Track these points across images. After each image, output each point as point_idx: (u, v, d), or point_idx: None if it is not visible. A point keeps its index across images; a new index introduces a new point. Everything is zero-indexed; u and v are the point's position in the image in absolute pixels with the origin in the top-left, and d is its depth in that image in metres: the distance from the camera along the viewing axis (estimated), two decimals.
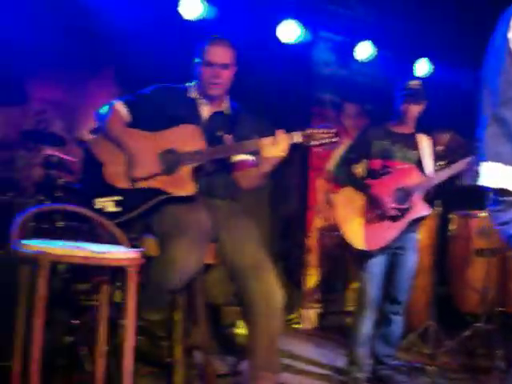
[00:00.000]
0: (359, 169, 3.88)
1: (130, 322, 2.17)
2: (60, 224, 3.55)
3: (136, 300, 2.20)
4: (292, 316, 5.48)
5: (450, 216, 5.47)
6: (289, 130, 5.03)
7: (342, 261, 5.51)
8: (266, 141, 2.75)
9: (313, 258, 5.56)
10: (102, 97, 4.74)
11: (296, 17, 5.28)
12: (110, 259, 2.14)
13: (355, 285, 5.56)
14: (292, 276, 5.57)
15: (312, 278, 5.56)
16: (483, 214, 4.97)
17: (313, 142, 2.76)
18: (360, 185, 3.76)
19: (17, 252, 2.12)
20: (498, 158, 2.08)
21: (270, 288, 2.77)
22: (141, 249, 2.27)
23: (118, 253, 2.19)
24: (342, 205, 3.80)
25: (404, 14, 5.81)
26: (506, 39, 2.04)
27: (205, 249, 2.72)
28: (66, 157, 4.13)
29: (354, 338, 3.75)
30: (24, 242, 2.13)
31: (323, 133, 2.76)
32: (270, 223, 5.66)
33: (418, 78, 3.88)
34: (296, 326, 5.44)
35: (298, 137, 2.77)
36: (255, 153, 2.93)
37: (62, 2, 4.66)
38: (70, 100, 4.93)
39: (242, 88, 3.11)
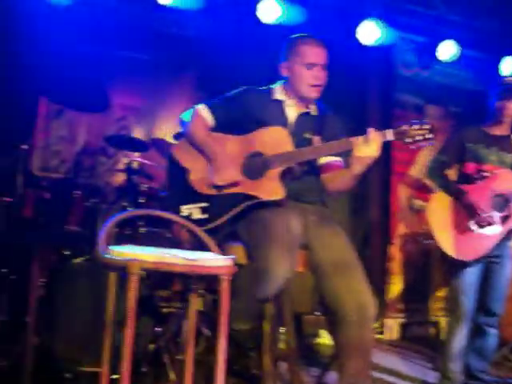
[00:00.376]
0: (451, 173, 3.69)
1: (222, 333, 2.08)
2: (142, 230, 3.52)
3: (228, 309, 2.10)
4: (375, 325, 5.29)
5: None
6: None
7: (426, 269, 5.32)
8: (358, 140, 2.58)
9: (395, 266, 5.37)
10: (183, 102, 4.75)
11: (376, 18, 5.14)
12: (204, 267, 2.04)
13: (440, 294, 5.36)
14: (374, 284, 5.34)
15: (395, 287, 5.38)
16: None
17: (407, 140, 2.56)
18: (455, 190, 3.56)
19: (105, 259, 2.06)
20: None
21: (364, 298, 2.61)
22: (232, 256, 2.17)
23: (212, 260, 2.10)
24: (435, 211, 3.61)
25: (488, 10, 5.57)
26: None
27: (296, 256, 2.60)
28: (147, 162, 4.12)
29: (446, 351, 3.56)
30: (113, 248, 2.07)
31: (417, 129, 2.53)
32: (351, 230, 5.49)
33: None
34: (378, 336, 5.27)
35: (390, 134, 2.59)
36: (345, 154, 2.78)
37: (139, 9, 4.68)
38: (150, 106, 4.95)
39: (326, 92, 2.99)
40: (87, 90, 4.51)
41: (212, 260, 2.10)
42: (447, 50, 5.46)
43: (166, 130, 4.76)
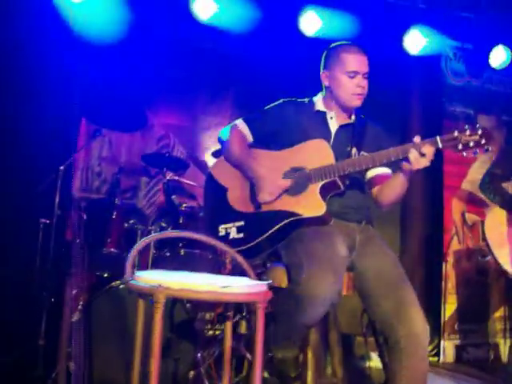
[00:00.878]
0: (509, 187, 3.47)
1: (257, 359, 1.91)
2: (182, 252, 3.40)
3: (264, 336, 1.93)
4: (429, 348, 5.05)
5: None
6: None
7: (483, 287, 5.03)
8: (412, 151, 2.41)
9: (450, 285, 5.11)
10: (222, 120, 4.67)
11: (423, 26, 4.99)
12: (235, 294, 1.89)
13: (498, 314, 5.08)
14: (429, 304, 5.13)
15: (450, 307, 5.11)
16: None
17: (459, 147, 2.35)
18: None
19: (131, 284, 1.95)
20: None
21: (416, 325, 2.41)
22: (269, 281, 2.00)
23: (243, 287, 1.93)
24: (492, 226, 3.41)
25: None
26: None
27: (342, 279, 2.43)
28: (187, 181, 4.01)
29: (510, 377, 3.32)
30: (140, 273, 1.95)
31: (470, 135, 2.35)
32: (403, 248, 5.28)
33: None
34: (434, 359, 5.02)
35: (438, 143, 2.40)
36: (391, 165, 2.64)
37: (177, 26, 4.62)
38: (191, 124, 4.88)
39: (369, 102, 2.84)
40: (125, 109, 4.46)
41: (244, 287, 1.93)
42: (498, 57, 5.26)
43: (205, 148, 4.68)
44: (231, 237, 2.55)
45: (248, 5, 4.64)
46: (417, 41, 5.02)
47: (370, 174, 2.72)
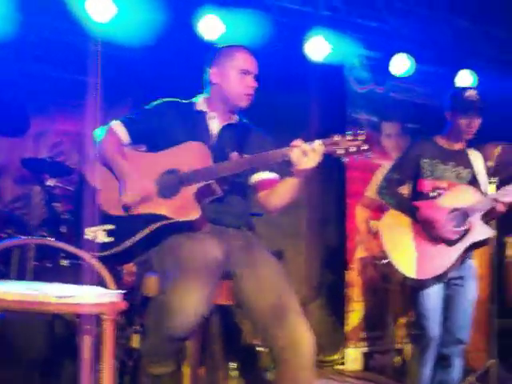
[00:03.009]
0: (405, 190, 3.46)
1: (107, 379, 1.75)
2: (64, 263, 3.20)
3: (113, 353, 1.77)
4: (335, 356, 5.09)
5: (505, 239, 5.09)
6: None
7: (388, 294, 5.06)
8: (293, 151, 2.32)
9: (355, 292, 5.11)
10: None
11: (326, 33, 4.97)
12: (81, 305, 1.72)
13: (403, 320, 5.12)
14: (334, 312, 5.17)
15: (356, 314, 5.11)
16: None
17: (339, 151, 2.29)
18: (409, 208, 3.33)
19: None
20: None
21: (297, 334, 2.30)
22: (120, 291, 1.85)
23: (86, 297, 1.77)
24: (389, 231, 3.40)
25: (442, 23, 5.48)
26: None
27: (214, 287, 2.29)
28: (69, 188, 3.80)
29: (413, 381, 3.29)
30: None
31: (351, 140, 2.27)
32: (308, 256, 5.27)
33: (472, 88, 3.44)
34: (340, 367, 5.02)
35: (318, 144, 2.32)
36: (278, 170, 2.59)
37: (75, 35, 4.44)
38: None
39: (271, 110, 2.77)
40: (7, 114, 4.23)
41: (90, 297, 1.76)
42: (400, 65, 5.31)
43: None
44: (99, 241, 2.40)
45: (147, 9, 4.50)
46: (320, 48, 4.99)
47: (254, 178, 2.64)
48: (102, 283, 2.13)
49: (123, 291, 1.85)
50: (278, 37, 4.77)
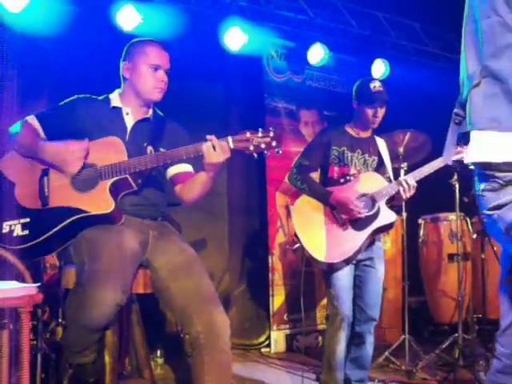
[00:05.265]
0: (315, 176, 3.60)
1: (24, 371, 1.80)
2: None
3: (29, 343, 1.83)
4: (260, 340, 5.22)
5: (419, 221, 5.34)
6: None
7: (309, 277, 5.22)
8: (204, 145, 2.43)
9: (277, 277, 5.26)
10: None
11: (244, 23, 5.04)
12: None
13: (324, 302, 5.31)
14: (258, 297, 5.29)
15: (278, 298, 5.25)
16: (453, 216, 4.85)
17: (251, 148, 2.42)
18: (320, 193, 3.47)
19: None
20: (492, 124, 1.69)
21: (213, 318, 2.42)
22: (35, 284, 1.91)
23: (5, 290, 1.82)
24: (301, 215, 3.53)
25: (357, 14, 5.64)
26: None
27: (131, 277, 2.38)
28: None
29: (329, 362, 3.46)
30: None
31: (261, 137, 2.42)
32: (231, 243, 5.39)
33: (377, 80, 3.63)
34: (265, 349, 5.16)
35: (230, 142, 2.44)
36: (193, 163, 2.69)
37: None
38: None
39: (190, 101, 2.84)
40: None
41: (7, 290, 1.81)
42: (316, 54, 5.44)
43: None
44: (15, 234, 2.44)
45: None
46: (238, 38, 5.04)
47: (171, 171, 2.74)
48: (18, 277, 2.17)
49: (38, 284, 1.89)
50: (196, 28, 4.84)
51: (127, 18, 4.64)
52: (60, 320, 3.62)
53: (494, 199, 1.72)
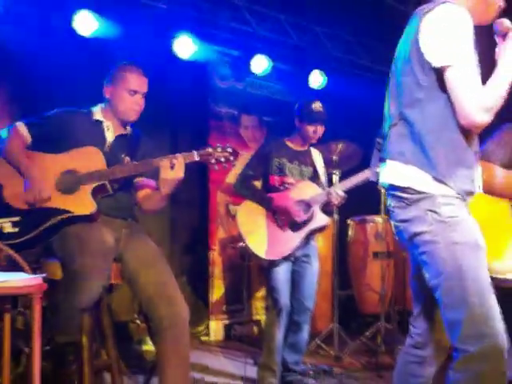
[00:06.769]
0: (257, 184, 4.00)
1: (36, 350, 2.12)
2: None
3: (40, 327, 2.15)
4: (199, 329, 5.47)
5: (348, 222, 5.68)
6: (187, 143, 5.02)
7: (246, 271, 5.58)
8: (163, 162, 2.81)
9: (217, 270, 5.58)
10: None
11: (191, 32, 5.27)
12: (10, 288, 2.08)
13: (259, 294, 5.68)
14: (197, 289, 5.56)
15: (217, 290, 5.57)
16: (379, 218, 5.21)
17: (212, 161, 2.85)
18: (263, 199, 3.86)
19: None
20: (400, 157, 2.19)
21: (176, 304, 2.81)
22: (42, 274, 2.22)
23: (18, 281, 2.13)
24: (245, 217, 3.90)
25: (296, 27, 5.95)
26: (415, 40, 2.15)
27: (110, 268, 2.76)
28: None
29: (269, 346, 3.81)
30: None
31: (221, 152, 2.85)
32: (173, 237, 5.63)
33: (317, 100, 3.96)
34: (204, 338, 5.43)
35: (195, 156, 2.84)
36: (155, 175, 2.99)
37: None
38: None
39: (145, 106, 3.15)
40: None
41: (19, 281, 2.13)
42: (259, 64, 5.71)
43: None
44: (5, 231, 2.73)
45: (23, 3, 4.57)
46: (186, 46, 5.24)
47: (136, 179, 3.11)
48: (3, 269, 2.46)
49: (44, 275, 2.20)
50: (151, 34, 5.03)
51: (84, 24, 4.79)
52: (19, 309, 3.81)
53: (401, 215, 2.22)
